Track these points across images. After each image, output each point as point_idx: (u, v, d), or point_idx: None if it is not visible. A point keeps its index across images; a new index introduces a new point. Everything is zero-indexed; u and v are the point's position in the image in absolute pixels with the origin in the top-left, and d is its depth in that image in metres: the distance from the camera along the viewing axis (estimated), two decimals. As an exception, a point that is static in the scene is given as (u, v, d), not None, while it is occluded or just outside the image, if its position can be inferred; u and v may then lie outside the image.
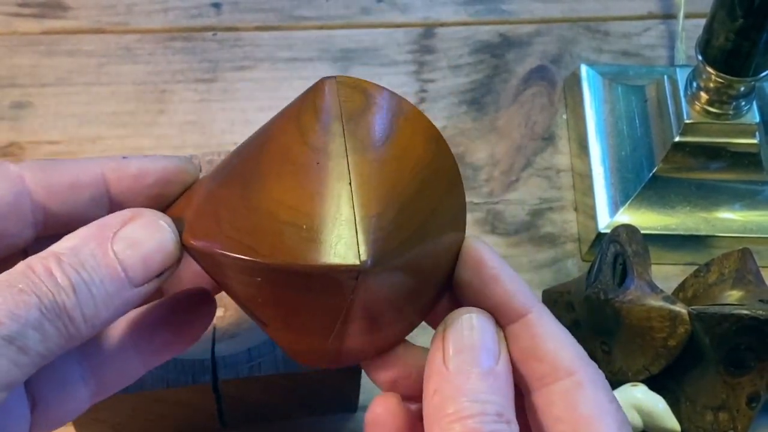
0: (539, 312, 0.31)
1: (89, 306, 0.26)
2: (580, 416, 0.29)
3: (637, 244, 0.46)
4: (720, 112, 0.48)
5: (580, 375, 0.30)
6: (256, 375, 0.40)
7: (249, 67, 0.59)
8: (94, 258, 0.27)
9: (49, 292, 0.26)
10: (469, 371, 0.29)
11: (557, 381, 0.30)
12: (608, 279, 0.44)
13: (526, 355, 0.31)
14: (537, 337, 0.30)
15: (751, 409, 0.43)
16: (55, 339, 0.26)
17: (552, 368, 0.30)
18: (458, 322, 0.30)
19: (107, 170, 0.31)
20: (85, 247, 0.27)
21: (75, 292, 0.26)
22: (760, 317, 0.41)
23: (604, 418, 0.29)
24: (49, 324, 0.26)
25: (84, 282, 0.26)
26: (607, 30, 0.62)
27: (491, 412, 0.28)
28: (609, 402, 0.30)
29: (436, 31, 0.62)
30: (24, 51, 0.60)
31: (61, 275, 0.26)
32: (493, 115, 0.58)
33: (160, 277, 0.28)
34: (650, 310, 0.43)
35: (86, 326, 0.26)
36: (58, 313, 0.26)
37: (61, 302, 0.26)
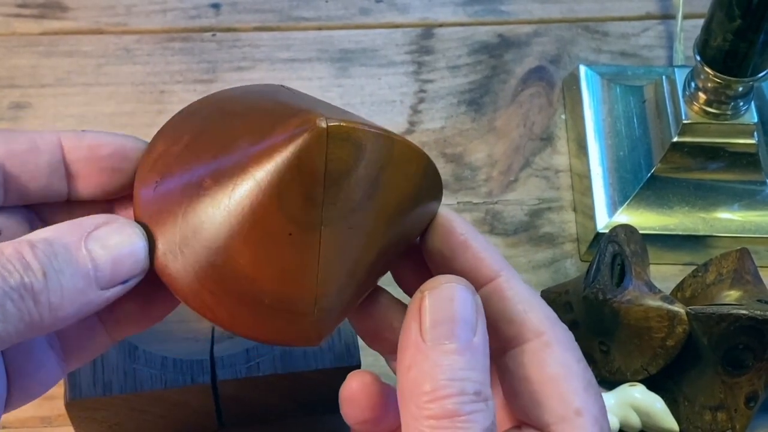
0: (508, 275, 0.31)
1: (56, 294, 0.26)
2: (547, 376, 0.30)
3: (635, 244, 0.46)
4: (718, 113, 0.49)
5: (548, 335, 0.30)
6: (254, 375, 0.40)
7: (248, 68, 0.59)
8: (66, 250, 0.27)
9: (16, 272, 0.26)
10: (448, 345, 0.28)
11: (526, 342, 0.30)
12: (607, 279, 0.44)
13: (495, 317, 0.31)
14: (506, 300, 0.31)
15: (750, 409, 0.43)
16: (15, 322, 0.26)
17: (521, 329, 0.31)
18: (438, 291, 0.29)
19: (64, 139, 0.32)
20: (59, 239, 0.27)
21: (45, 276, 0.26)
22: (758, 317, 0.41)
23: (571, 377, 0.30)
24: (12, 304, 0.25)
25: (54, 270, 0.26)
26: (606, 30, 0.62)
27: (470, 391, 0.27)
28: (576, 362, 0.30)
29: (435, 32, 0.62)
30: (23, 52, 0.60)
31: (32, 258, 0.26)
32: (491, 115, 0.58)
33: (125, 284, 0.28)
34: (648, 310, 0.43)
35: (50, 316, 0.26)
36: (23, 294, 0.25)
37: (29, 283, 0.26)
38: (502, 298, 0.31)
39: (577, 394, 0.30)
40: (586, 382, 0.30)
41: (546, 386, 0.30)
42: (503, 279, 0.31)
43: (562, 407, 0.30)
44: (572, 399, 0.30)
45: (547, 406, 0.30)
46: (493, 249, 0.32)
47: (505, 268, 0.31)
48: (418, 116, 0.58)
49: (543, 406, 0.30)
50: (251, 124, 0.29)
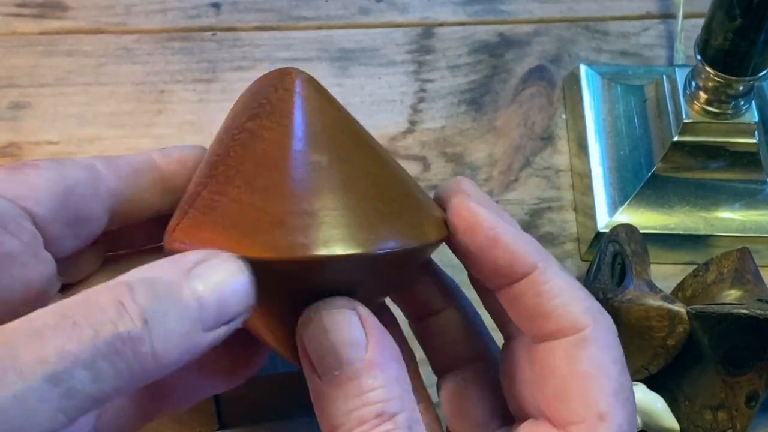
0: (544, 267, 0.30)
1: (161, 340, 0.23)
2: (576, 373, 0.29)
3: (635, 243, 0.46)
4: (719, 112, 0.48)
5: (587, 331, 0.29)
6: (255, 375, 0.40)
7: (248, 68, 0.59)
8: (170, 290, 0.24)
9: (110, 324, 0.22)
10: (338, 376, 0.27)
11: (564, 336, 0.29)
12: (607, 278, 0.44)
13: (531, 313, 0.30)
14: (542, 295, 0.29)
15: (750, 408, 0.43)
16: (111, 380, 0.22)
17: (559, 325, 0.29)
18: (310, 326, 0.27)
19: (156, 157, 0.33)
20: (160, 278, 0.24)
21: (146, 322, 0.23)
22: (758, 316, 0.41)
23: (600, 378, 0.28)
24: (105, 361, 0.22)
25: (158, 313, 0.23)
26: (606, 30, 0.62)
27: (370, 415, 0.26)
28: (612, 363, 0.29)
29: (435, 31, 0.62)
30: (23, 51, 0.60)
31: (130, 303, 0.23)
32: (491, 114, 0.58)
33: (229, 325, 0.25)
34: (649, 310, 0.43)
35: (156, 365, 0.23)
36: (119, 348, 0.22)
37: (125, 333, 0.22)
38: (538, 293, 0.29)
39: (604, 397, 0.28)
40: (618, 386, 0.29)
41: (573, 383, 0.29)
42: (539, 272, 0.29)
43: (584, 408, 0.28)
44: (597, 402, 0.28)
45: (570, 404, 0.28)
46: (526, 239, 0.30)
47: (541, 260, 0.30)
48: (418, 116, 0.57)
49: (566, 403, 0.29)
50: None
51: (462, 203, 0.30)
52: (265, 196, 0.27)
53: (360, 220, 0.27)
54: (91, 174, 0.30)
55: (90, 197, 0.30)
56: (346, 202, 0.27)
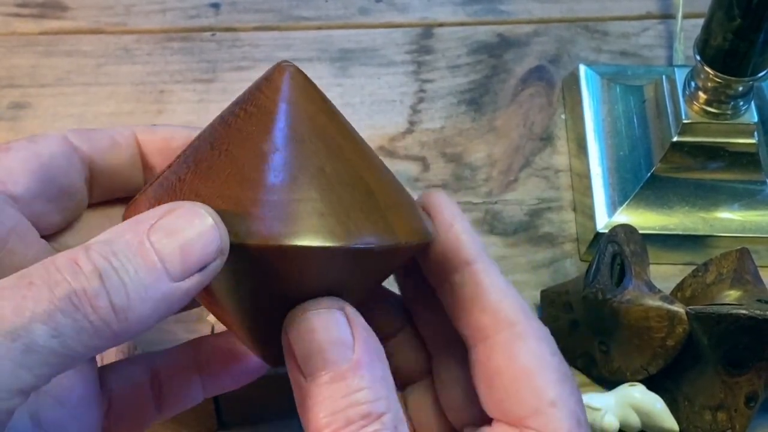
0: (486, 263, 0.31)
1: (119, 294, 0.24)
2: (519, 368, 0.29)
3: (635, 243, 0.46)
4: (718, 112, 0.48)
5: (521, 326, 0.30)
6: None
7: (248, 68, 0.59)
8: (127, 246, 0.24)
9: (64, 281, 0.23)
10: (324, 376, 0.26)
11: (499, 332, 0.30)
12: (606, 279, 0.44)
13: (469, 304, 0.30)
14: (481, 287, 0.30)
15: (750, 409, 0.43)
16: (74, 333, 0.23)
17: (494, 319, 0.30)
18: (297, 326, 0.27)
19: (139, 133, 0.33)
20: (119, 238, 0.25)
21: (101, 278, 0.24)
22: (758, 317, 0.41)
23: (544, 370, 0.29)
24: (63, 316, 0.23)
25: (113, 269, 0.24)
26: (606, 30, 0.62)
27: (357, 416, 0.26)
28: (551, 354, 0.30)
29: (435, 32, 0.62)
30: (23, 51, 0.60)
31: (85, 262, 0.24)
32: (491, 115, 0.58)
33: (203, 272, 0.25)
34: (648, 310, 0.43)
35: (118, 319, 0.24)
36: (76, 303, 0.23)
37: (80, 288, 0.23)
38: (477, 285, 0.30)
39: (551, 385, 0.29)
40: (561, 374, 0.29)
41: (519, 379, 0.29)
42: (481, 266, 0.31)
43: (535, 399, 0.29)
44: (546, 391, 0.29)
45: (520, 399, 0.29)
46: (475, 236, 0.31)
47: (484, 257, 0.31)
48: (417, 116, 0.57)
49: (516, 399, 0.29)
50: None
51: (437, 193, 0.32)
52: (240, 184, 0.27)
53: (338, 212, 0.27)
54: (64, 145, 0.31)
55: (66, 169, 0.31)
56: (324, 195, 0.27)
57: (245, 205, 0.26)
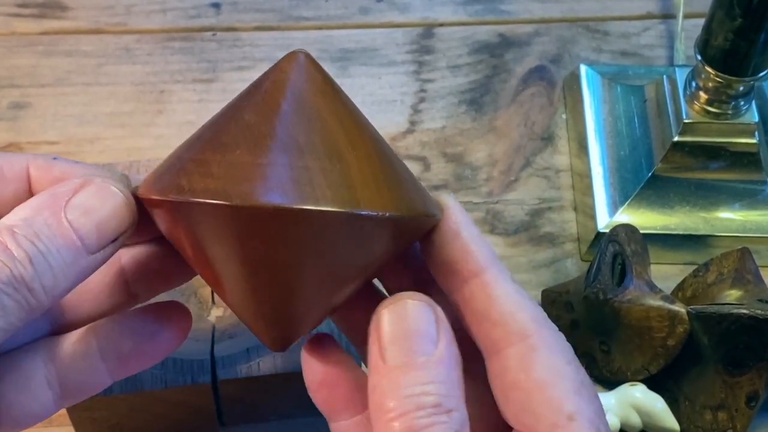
0: (496, 273, 0.30)
1: (47, 276, 0.26)
2: (534, 382, 0.28)
3: (636, 243, 0.46)
4: (719, 112, 0.48)
5: (534, 338, 0.29)
6: (254, 375, 0.40)
7: (248, 68, 0.59)
8: (48, 228, 0.27)
9: (5, 266, 0.26)
10: (406, 362, 0.27)
11: (511, 345, 0.29)
12: (607, 279, 0.44)
13: (480, 318, 0.30)
14: (491, 299, 0.29)
15: (750, 409, 0.43)
16: (16, 312, 0.26)
17: (505, 332, 0.29)
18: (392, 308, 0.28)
19: (33, 167, 0.31)
20: (38, 217, 0.27)
21: (32, 263, 0.26)
22: (758, 317, 0.41)
23: (559, 381, 0.28)
24: (8, 298, 0.26)
25: (40, 253, 0.26)
26: (607, 30, 0.62)
27: (428, 404, 0.27)
28: (566, 364, 0.29)
29: (435, 31, 0.62)
30: (23, 51, 0.60)
31: (16, 248, 0.26)
32: (492, 114, 0.58)
33: (115, 243, 0.28)
34: (649, 310, 0.43)
35: (46, 297, 0.26)
36: (17, 287, 0.26)
37: (19, 275, 0.26)
38: (487, 297, 0.30)
39: (568, 398, 0.28)
40: (579, 383, 0.29)
41: (534, 392, 0.28)
42: (490, 276, 0.30)
43: (552, 414, 0.28)
44: (563, 404, 0.28)
45: (537, 414, 0.28)
46: (484, 243, 0.31)
47: (494, 265, 0.30)
48: (418, 116, 0.57)
49: (533, 413, 0.28)
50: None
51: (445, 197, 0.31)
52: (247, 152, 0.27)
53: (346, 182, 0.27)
54: None
55: None
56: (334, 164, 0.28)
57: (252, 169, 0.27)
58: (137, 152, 0.55)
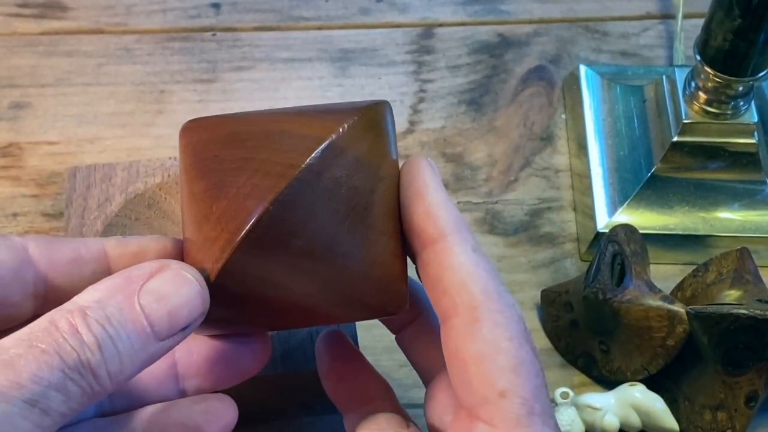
0: (456, 241, 0.29)
1: (114, 362, 0.26)
2: (471, 353, 0.28)
3: (635, 243, 0.46)
4: (718, 112, 0.49)
5: (480, 310, 0.28)
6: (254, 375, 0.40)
7: (248, 68, 0.59)
8: (120, 312, 0.26)
9: (72, 351, 0.25)
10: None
11: (457, 315, 0.29)
12: (607, 279, 0.44)
13: (433, 284, 0.29)
14: (444, 267, 0.29)
15: (750, 409, 0.43)
16: (78, 398, 0.25)
17: (453, 302, 0.29)
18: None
19: (108, 247, 0.31)
20: (111, 299, 0.26)
21: (100, 349, 0.25)
22: (758, 317, 0.41)
23: (496, 356, 0.28)
24: (72, 384, 0.25)
25: (110, 338, 0.26)
26: (606, 30, 0.62)
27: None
28: (508, 339, 0.28)
29: (435, 32, 0.62)
30: (23, 51, 0.60)
31: (86, 332, 0.25)
32: (491, 115, 0.58)
33: (184, 331, 0.28)
34: (648, 310, 0.43)
35: (111, 383, 0.26)
36: (82, 373, 0.25)
37: (86, 360, 0.25)
38: (440, 265, 0.29)
39: (502, 374, 0.28)
40: (518, 360, 0.28)
41: (470, 365, 0.28)
42: (448, 244, 0.29)
43: (485, 388, 0.28)
44: (496, 380, 0.28)
45: (471, 386, 0.28)
46: (450, 209, 0.30)
47: (455, 232, 0.29)
48: (418, 116, 0.58)
49: (467, 385, 0.28)
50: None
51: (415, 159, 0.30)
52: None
53: None
54: (17, 256, 0.29)
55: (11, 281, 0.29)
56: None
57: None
58: (137, 152, 0.55)
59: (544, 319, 0.49)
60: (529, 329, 0.29)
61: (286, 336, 0.40)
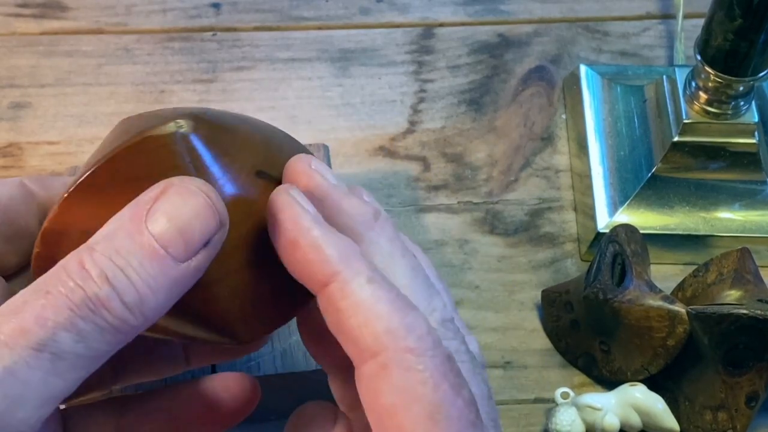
0: (345, 279, 0.26)
1: (130, 292, 0.24)
2: (382, 407, 0.25)
3: (636, 243, 0.46)
4: (719, 112, 0.48)
5: (386, 354, 0.25)
6: (254, 375, 0.40)
7: (248, 68, 0.59)
8: (129, 240, 0.25)
9: (77, 287, 0.24)
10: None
11: (364, 362, 0.26)
12: (607, 279, 0.44)
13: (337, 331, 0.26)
14: (340, 312, 0.26)
15: (750, 409, 0.43)
16: (97, 335, 0.24)
17: (357, 348, 0.26)
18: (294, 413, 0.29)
19: None
20: (119, 231, 0.25)
21: (108, 280, 0.24)
22: (758, 317, 0.41)
23: (410, 406, 0.25)
24: (83, 321, 0.24)
25: (119, 268, 0.24)
26: (606, 30, 0.62)
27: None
28: (421, 384, 0.25)
29: (435, 32, 0.62)
30: (23, 51, 0.60)
31: (92, 266, 0.24)
32: (491, 115, 0.58)
33: (208, 246, 0.26)
34: (649, 310, 0.43)
35: (133, 315, 0.24)
36: (92, 308, 0.24)
37: (93, 295, 0.24)
38: (336, 310, 0.26)
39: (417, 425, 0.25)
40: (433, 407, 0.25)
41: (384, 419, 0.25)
42: (339, 284, 0.26)
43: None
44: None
45: None
46: (332, 241, 0.26)
47: (344, 267, 0.26)
48: (418, 116, 0.57)
49: None
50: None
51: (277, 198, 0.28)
52: None
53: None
54: (22, 190, 0.31)
55: (24, 212, 0.30)
56: None
57: None
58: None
59: (544, 319, 0.49)
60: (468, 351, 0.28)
61: (286, 335, 0.40)
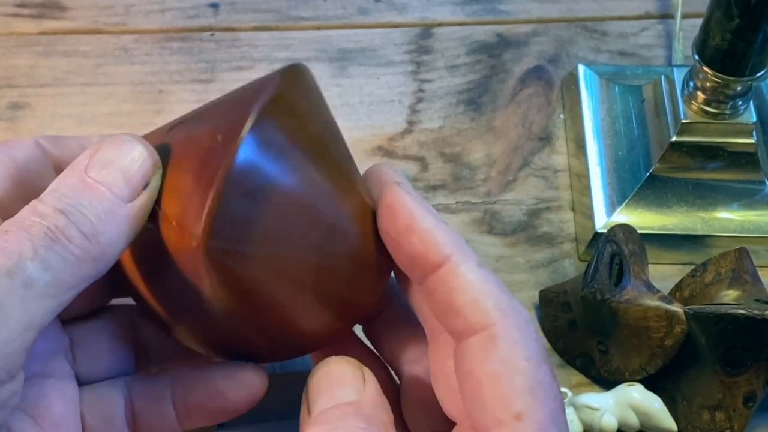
0: (458, 261, 0.29)
1: (85, 224, 0.27)
2: (487, 373, 0.27)
3: (633, 243, 0.46)
4: (717, 112, 0.49)
5: (496, 328, 0.28)
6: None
7: (246, 68, 0.59)
8: (74, 188, 0.28)
9: (36, 221, 0.26)
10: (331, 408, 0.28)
11: (474, 334, 0.28)
12: (605, 279, 0.44)
13: (444, 309, 0.29)
14: (453, 290, 0.28)
15: (748, 409, 0.43)
16: (61, 264, 0.26)
17: (468, 322, 0.28)
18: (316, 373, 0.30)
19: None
20: (63, 184, 0.28)
21: (64, 213, 0.27)
22: (756, 317, 0.41)
23: (513, 376, 0.27)
24: (46, 250, 0.26)
25: (71, 205, 0.27)
26: (605, 30, 0.62)
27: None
28: (524, 359, 0.27)
29: (434, 31, 0.62)
30: (21, 51, 0.60)
31: (43, 207, 0.27)
32: (490, 115, 0.58)
33: (148, 188, 0.29)
34: (647, 310, 0.43)
35: (92, 244, 0.27)
36: (52, 237, 0.26)
37: (51, 226, 0.26)
38: (448, 289, 0.29)
39: (518, 396, 0.27)
40: (535, 382, 0.27)
41: (486, 385, 0.27)
42: (452, 265, 0.29)
43: (500, 410, 0.27)
44: (512, 401, 0.27)
45: (486, 407, 0.27)
46: (444, 230, 0.29)
47: (456, 252, 0.29)
48: (416, 116, 0.58)
49: (482, 406, 0.27)
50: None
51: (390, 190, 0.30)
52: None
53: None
54: (38, 150, 0.32)
55: (42, 173, 0.32)
56: None
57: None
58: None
59: (542, 319, 0.49)
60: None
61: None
